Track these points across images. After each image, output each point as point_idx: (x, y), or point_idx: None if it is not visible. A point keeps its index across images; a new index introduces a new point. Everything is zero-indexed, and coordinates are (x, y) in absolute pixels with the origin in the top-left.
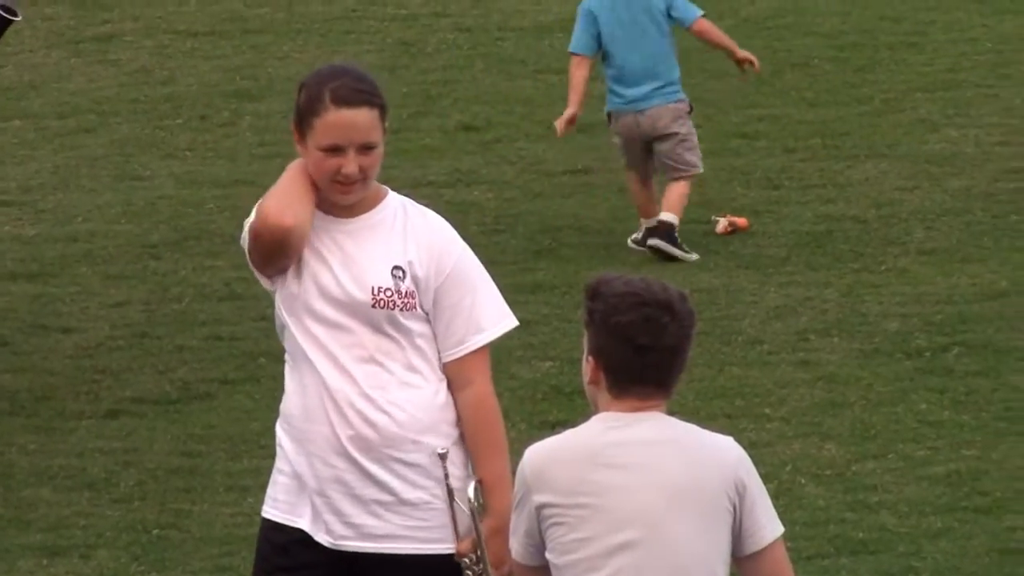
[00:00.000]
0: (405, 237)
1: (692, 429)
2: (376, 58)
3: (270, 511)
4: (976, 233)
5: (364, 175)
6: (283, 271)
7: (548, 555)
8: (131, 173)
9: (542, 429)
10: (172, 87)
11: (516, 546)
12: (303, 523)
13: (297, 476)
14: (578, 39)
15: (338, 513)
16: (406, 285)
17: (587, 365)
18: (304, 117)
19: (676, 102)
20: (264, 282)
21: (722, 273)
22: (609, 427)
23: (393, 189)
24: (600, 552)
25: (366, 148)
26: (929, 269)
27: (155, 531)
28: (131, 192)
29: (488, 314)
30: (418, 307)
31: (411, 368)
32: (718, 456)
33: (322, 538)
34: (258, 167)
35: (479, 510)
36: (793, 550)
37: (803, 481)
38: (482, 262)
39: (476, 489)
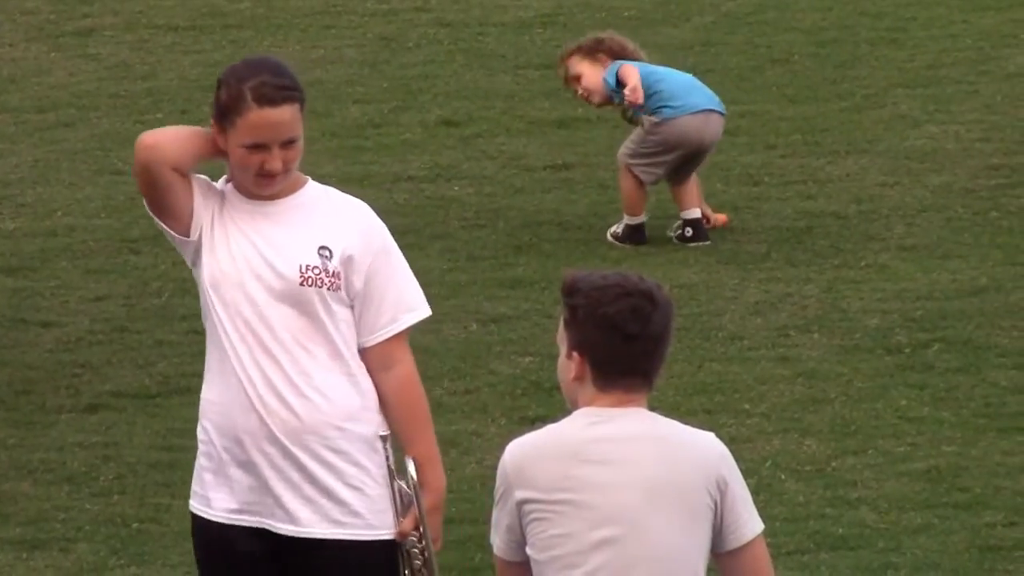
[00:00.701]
0: (330, 219)
1: (674, 425)
2: (356, 53)
3: (198, 507)
4: (956, 229)
5: (287, 168)
6: (178, 219)
7: (529, 551)
8: (111, 167)
9: (521, 424)
10: (152, 82)
11: (498, 542)
12: (230, 515)
13: (222, 464)
14: None
15: (267, 500)
16: (333, 265)
17: (569, 362)
18: (226, 115)
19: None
20: (168, 233)
21: (702, 269)
22: (591, 422)
23: (373, 184)
24: (580, 548)
25: (288, 143)
26: (909, 265)
27: (134, 525)
28: (111, 187)
29: (413, 295)
30: (343, 290)
31: (335, 354)
32: (700, 453)
33: (250, 522)
34: None
35: (417, 488)
36: (773, 546)
37: (783, 477)
38: (462, 257)
39: (412, 467)
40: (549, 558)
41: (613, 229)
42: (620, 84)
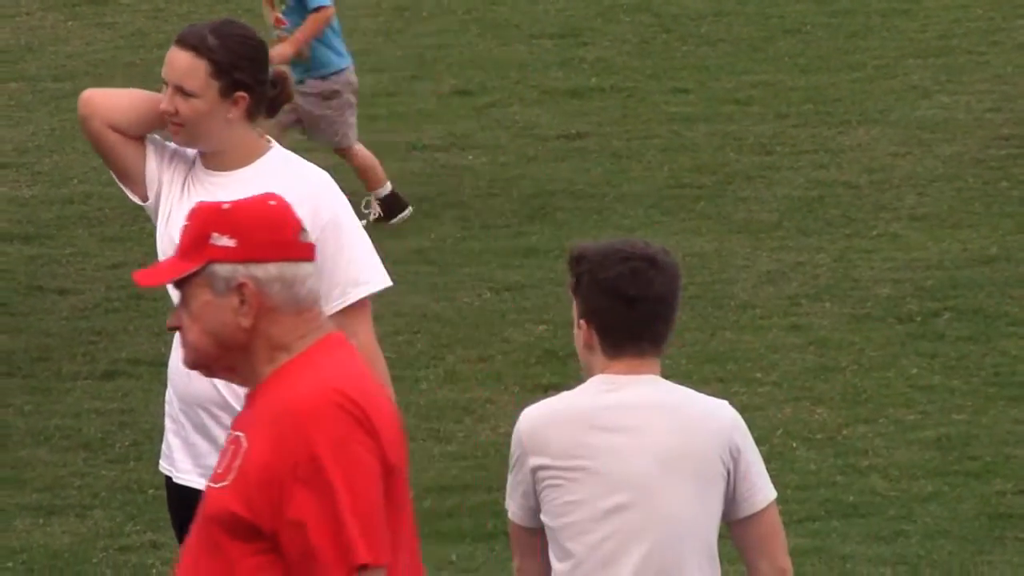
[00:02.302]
0: (284, 190)
1: (687, 393)
2: (371, 23)
3: (165, 466)
4: (967, 199)
5: (179, 117)
6: (130, 180)
7: (543, 517)
8: None
9: (535, 392)
10: (167, 50)
11: (513, 508)
12: (194, 478)
13: (183, 429)
14: None
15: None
16: None
17: (579, 331)
18: None
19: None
20: (128, 196)
21: (714, 238)
22: (604, 390)
23: (388, 153)
24: (593, 515)
25: (182, 91)
26: (920, 235)
27: (150, 491)
28: None
29: (365, 268)
30: None
31: None
32: (713, 420)
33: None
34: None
35: None
36: (784, 513)
37: (794, 445)
38: (476, 226)
39: None
40: (562, 524)
41: (371, 217)
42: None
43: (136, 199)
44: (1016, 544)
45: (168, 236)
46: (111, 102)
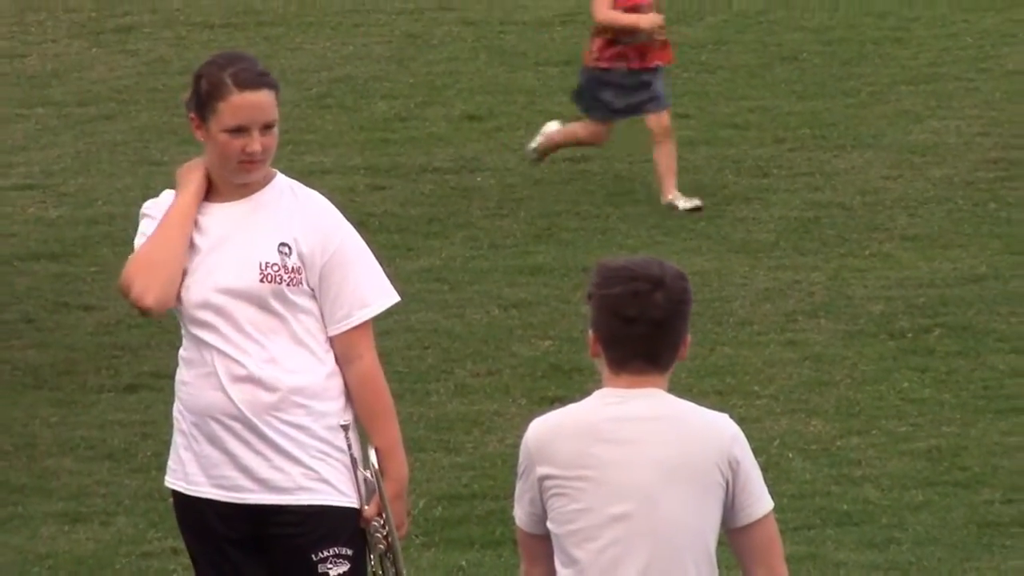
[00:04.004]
0: (291, 217)
1: (688, 406)
2: (384, 50)
3: (173, 481)
4: (957, 220)
5: (266, 155)
6: None
7: (549, 524)
8: (149, 158)
9: (541, 404)
10: (189, 76)
11: (521, 514)
12: (206, 489)
13: (194, 441)
14: None
15: (237, 473)
16: (292, 261)
17: (590, 340)
18: (207, 102)
19: None
20: None
21: (714, 257)
22: (607, 403)
23: (400, 175)
24: (597, 523)
25: (267, 128)
26: (912, 254)
27: (171, 500)
28: (149, 176)
29: (371, 291)
30: (304, 283)
31: (298, 341)
32: (713, 433)
33: (226, 496)
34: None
35: (379, 476)
36: (781, 521)
37: (790, 456)
38: (485, 245)
39: (374, 456)
40: (567, 531)
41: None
42: None
43: None
44: (1003, 551)
45: (191, 274)
46: (167, 291)
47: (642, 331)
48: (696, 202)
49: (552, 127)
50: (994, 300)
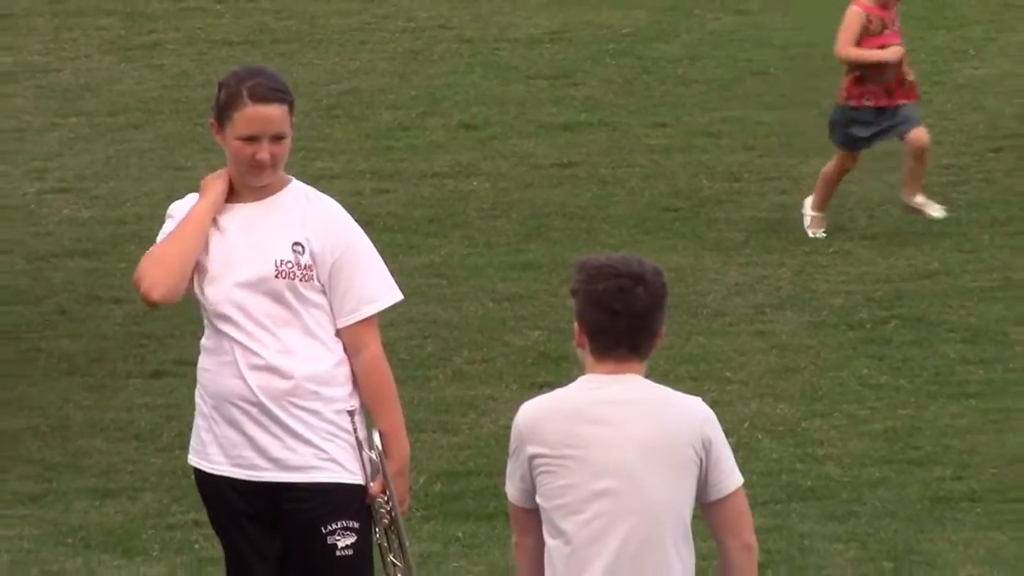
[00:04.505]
0: (305, 219)
1: (665, 391)
2: (388, 65)
3: (196, 460)
4: (912, 221)
5: (275, 161)
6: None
7: (538, 499)
8: (174, 164)
9: (531, 389)
10: (210, 89)
11: (512, 490)
12: (226, 468)
13: (214, 423)
14: None
15: (253, 453)
16: (305, 259)
17: (575, 331)
18: (224, 111)
19: None
20: None
21: (689, 254)
22: (591, 387)
23: (402, 179)
24: (582, 498)
25: (277, 138)
26: (870, 252)
27: (193, 476)
28: (173, 181)
29: (376, 288)
30: (316, 279)
31: (309, 332)
32: (688, 415)
33: (243, 474)
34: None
35: (382, 456)
36: (750, 496)
37: (759, 436)
38: (480, 243)
39: (378, 438)
40: (555, 506)
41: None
42: None
43: None
44: (953, 524)
45: (208, 265)
46: (174, 285)
47: (625, 323)
48: (939, 211)
49: (807, 201)
50: (945, 294)
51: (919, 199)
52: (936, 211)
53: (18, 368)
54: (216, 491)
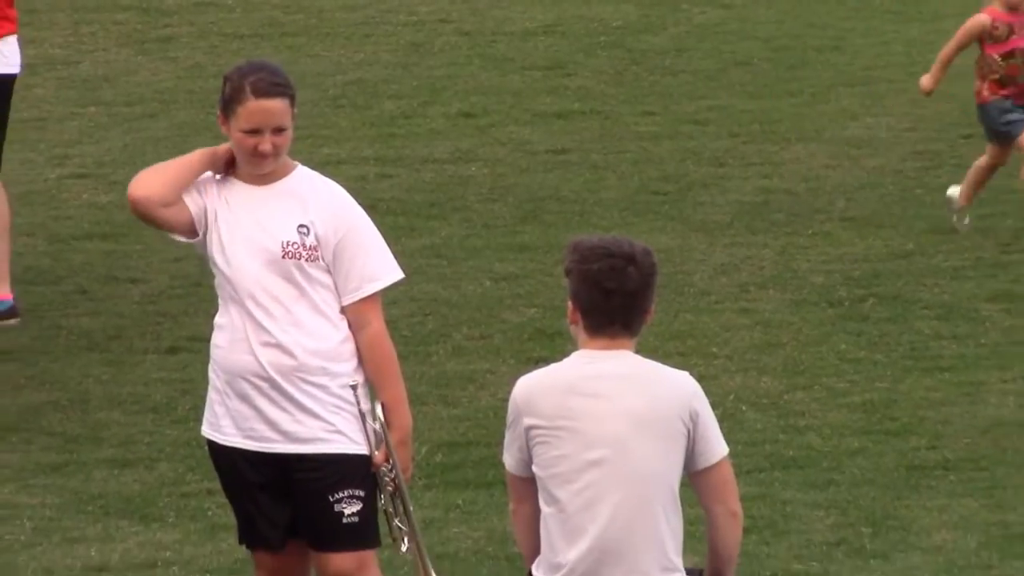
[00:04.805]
0: (310, 202)
1: (655, 365)
2: (391, 57)
3: (210, 432)
4: (888, 204)
5: (276, 151)
6: (182, 231)
7: (534, 468)
8: (187, 151)
9: (527, 364)
10: (221, 81)
11: (509, 460)
12: (238, 440)
13: (227, 397)
14: None
15: (264, 426)
16: (310, 240)
17: (568, 308)
18: (229, 104)
19: None
20: (181, 239)
21: (676, 236)
22: (585, 362)
23: (405, 165)
24: (576, 467)
25: (279, 130)
26: (849, 233)
27: (207, 447)
28: None
29: (378, 268)
30: (320, 259)
31: (316, 310)
32: (676, 389)
33: (254, 446)
34: (293, 145)
35: (385, 427)
36: (735, 466)
37: (743, 408)
38: (478, 226)
39: (381, 410)
40: (550, 475)
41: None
42: None
43: (184, 239)
44: (928, 491)
45: (220, 245)
46: (161, 188)
47: (619, 301)
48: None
49: (955, 191)
50: (920, 273)
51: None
52: (961, 222)
53: (40, 345)
54: (229, 462)
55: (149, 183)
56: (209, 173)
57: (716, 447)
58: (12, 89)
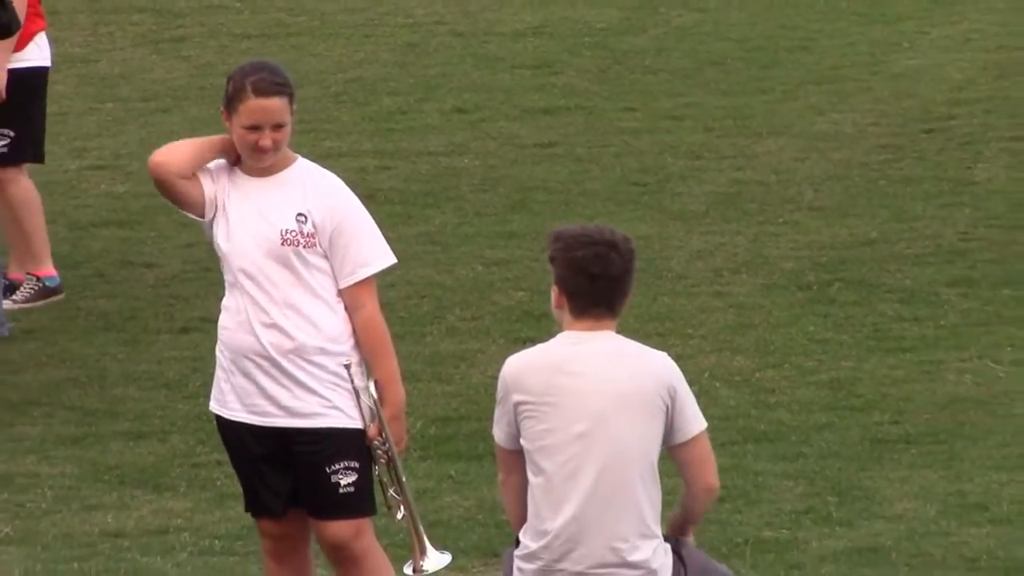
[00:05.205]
0: (308, 192)
1: (636, 346)
2: (389, 56)
3: (216, 407)
4: (853, 194)
5: (275, 146)
6: (193, 208)
7: (522, 441)
8: None
9: (516, 343)
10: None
11: (499, 434)
12: (242, 414)
13: (231, 375)
14: None
15: (266, 402)
16: (308, 228)
17: (552, 294)
18: (231, 102)
19: None
20: (185, 215)
21: (655, 224)
22: (570, 342)
23: (402, 158)
24: (561, 440)
25: (278, 127)
26: (817, 222)
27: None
28: None
29: (372, 253)
30: (318, 245)
31: (314, 294)
32: (656, 367)
33: (257, 420)
34: (297, 139)
35: (378, 403)
36: (710, 439)
37: (718, 385)
38: (470, 214)
39: (374, 387)
40: (537, 447)
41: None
42: None
43: (194, 217)
44: (890, 463)
45: (226, 231)
46: (179, 159)
47: (603, 284)
48: None
49: None
50: (883, 259)
51: None
52: None
53: (60, 325)
54: (235, 435)
55: (170, 152)
56: (223, 161)
57: (694, 422)
58: (47, 80)
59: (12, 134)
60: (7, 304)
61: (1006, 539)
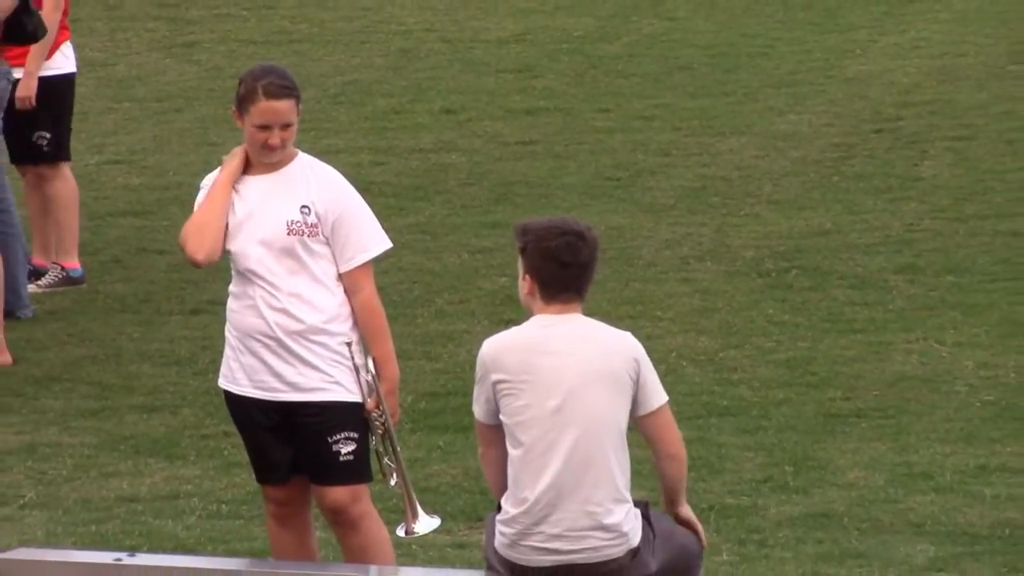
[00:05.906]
0: (310, 185)
1: (603, 326)
2: (383, 60)
3: (225, 383)
4: (809, 189)
5: (284, 144)
6: None
7: (501, 417)
8: (208, 141)
9: (499, 324)
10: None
11: (479, 410)
12: (250, 390)
13: (240, 353)
14: None
15: (272, 378)
16: (311, 218)
17: (523, 283)
18: (243, 103)
19: None
20: None
21: (627, 215)
22: (543, 325)
23: (395, 154)
24: (537, 414)
25: (286, 126)
26: (775, 214)
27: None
28: (208, 154)
29: (369, 240)
30: (320, 234)
31: (316, 279)
32: (622, 346)
33: (263, 395)
34: (299, 136)
35: (376, 378)
36: (676, 413)
37: (684, 364)
38: (458, 206)
39: (372, 364)
40: (515, 422)
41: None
42: None
43: None
44: (843, 436)
45: (235, 224)
46: (210, 246)
47: (574, 272)
48: None
49: None
50: (837, 248)
51: None
52: None
53: (80, 307)
54: (242, 408)
55: (202, 243)
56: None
57: (656, 395)
58: (75, 85)
59: (48, 135)
60: (32, 288)
61: (949, 506)
